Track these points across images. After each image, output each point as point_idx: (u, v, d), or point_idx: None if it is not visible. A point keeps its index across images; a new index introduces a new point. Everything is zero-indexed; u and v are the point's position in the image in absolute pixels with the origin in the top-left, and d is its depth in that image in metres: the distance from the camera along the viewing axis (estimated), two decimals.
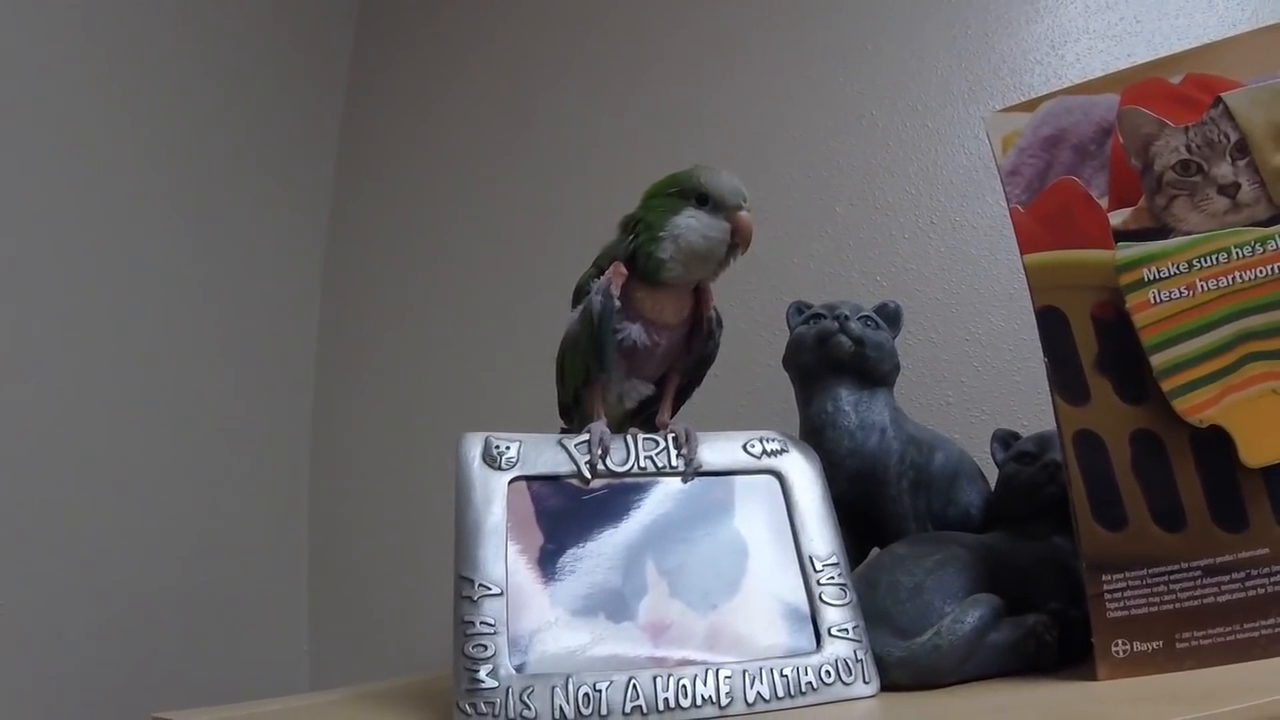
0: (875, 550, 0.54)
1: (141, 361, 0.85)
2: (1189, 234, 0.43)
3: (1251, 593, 0.40)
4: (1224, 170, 0.43)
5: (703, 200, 0.46)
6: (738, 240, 0.46)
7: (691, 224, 0.45)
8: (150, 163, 0.89)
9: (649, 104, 0.91)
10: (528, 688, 0.39)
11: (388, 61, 1.11)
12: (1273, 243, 0.42)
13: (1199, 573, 0.40)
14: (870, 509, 0.53)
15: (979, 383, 0.69)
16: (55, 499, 0.76)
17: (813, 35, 0.83)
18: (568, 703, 0.39)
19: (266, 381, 0.99)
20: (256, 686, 0.79)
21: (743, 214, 0.46)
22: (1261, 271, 0.42)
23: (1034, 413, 0.65)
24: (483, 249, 0.98)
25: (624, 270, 0.47)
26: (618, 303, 0.46)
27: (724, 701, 0.40)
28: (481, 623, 0.40)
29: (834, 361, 0.53)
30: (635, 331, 0.47)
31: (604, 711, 0.39)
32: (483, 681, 0.39)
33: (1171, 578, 0.41)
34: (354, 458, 0.99)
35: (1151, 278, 0.42)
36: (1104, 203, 0.45)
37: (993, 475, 0.55)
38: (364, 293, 1.05)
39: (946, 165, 0.74)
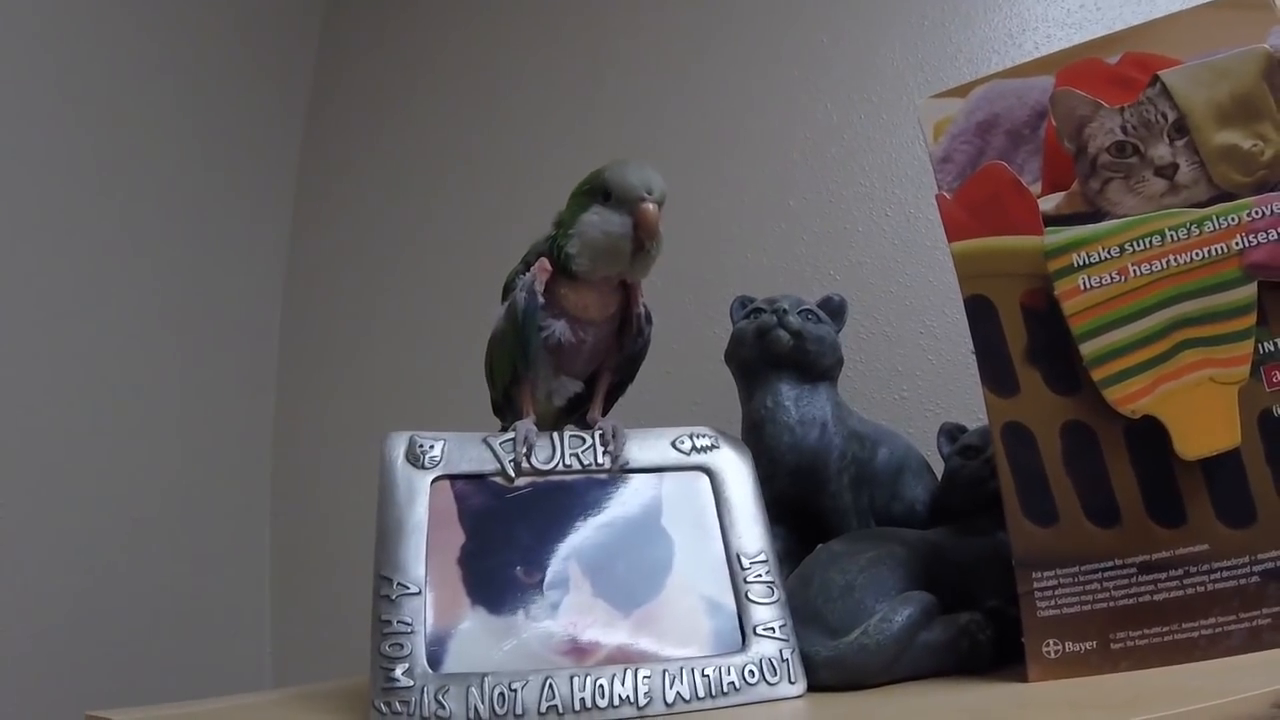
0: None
1: (101, 361, 0.85)
2: (1123, 218, 0.41)
3: (1190, 591, 0.38)
4: (1161, 151, 0.41)
5: (605, 196, 0.45)
6: (641, 233, 0.44)
7: (593, 220, 0.45)
8: (110, 168, 0.89)
9: (607, 102, 0.90)
10: (443, 687, 0.38)
11: (350, 68, 1.12)
12: (1210, 224, 0.40)
13: (1134, 570, 0.39)
14: (811, 505, 0.52)
15: (934, 377, 0.68)
16: (13, 497, 0.76)
17: (768, 29, 0.82)
18: (483, 702, 0.38)
19: (228, 377, 0.99)
20: (219, 688, 0.79)
21: (646, 206, 0.44)
22: (1198, 255, 0.40)
23: None
24: (450, 250, 0.98)
25: (549, 266, 0.46)
26: (541, 299, 0.46)
27: (642, 702, 0.39)
28: (399, 622, 0.40)
29: (773, 356, 0.52)
30: (560, 328, 0.46)
31: (519, 711, 0.38)
32: (398, 680, 0.38)
33: (1105, 575, 0.39)
34: (316, 455, 0.99)
35: (1081, 263, 0.41)
36: (1037, 188, 0.44)
37: (941, 470, 0.54)
38: (327, 291, 1.05)
39: (901, 158, 0.73)
